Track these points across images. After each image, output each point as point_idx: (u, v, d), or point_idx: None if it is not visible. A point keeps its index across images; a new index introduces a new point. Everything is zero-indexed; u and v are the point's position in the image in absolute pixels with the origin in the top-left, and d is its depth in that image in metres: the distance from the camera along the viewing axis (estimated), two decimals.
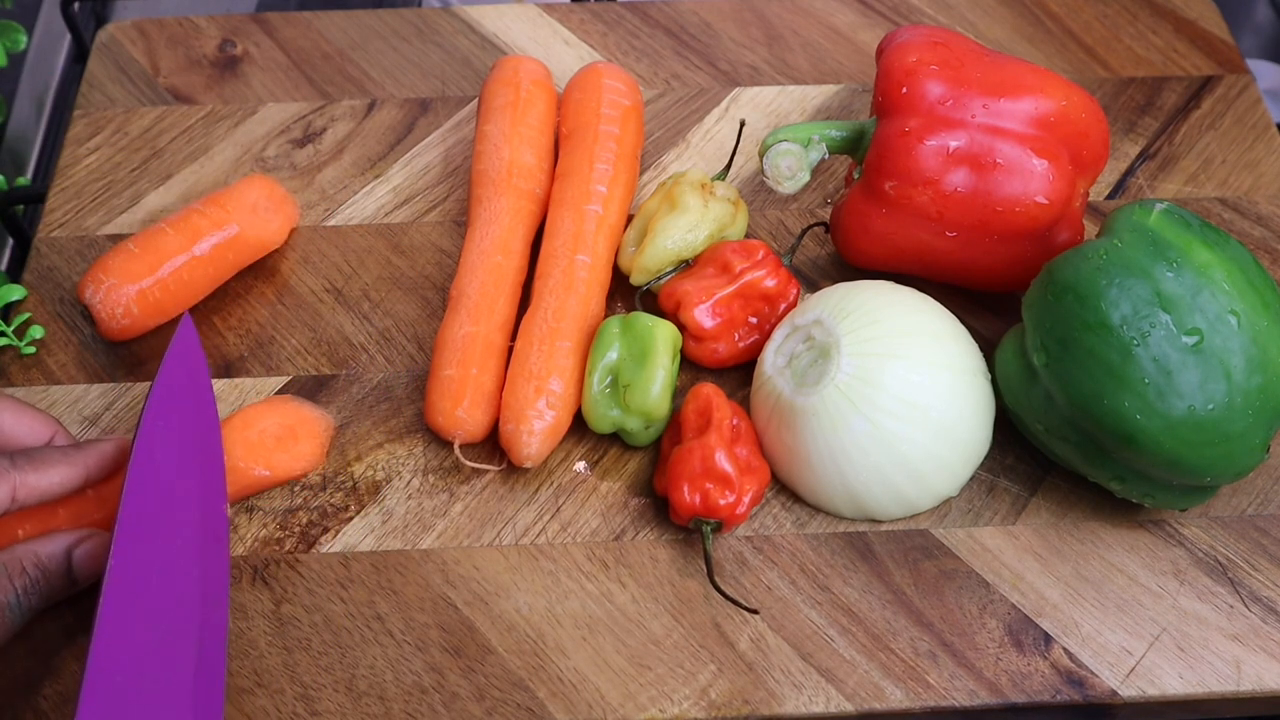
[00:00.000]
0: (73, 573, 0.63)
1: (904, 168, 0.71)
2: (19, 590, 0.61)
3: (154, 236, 0.76)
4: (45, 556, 0.62)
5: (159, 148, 0.87)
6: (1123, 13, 0.95)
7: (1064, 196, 0.71)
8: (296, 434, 0.71)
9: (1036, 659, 0.66)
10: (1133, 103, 0.89)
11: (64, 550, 0.63)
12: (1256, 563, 0.70)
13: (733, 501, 0.67)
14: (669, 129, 0.88)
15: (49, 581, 0.62)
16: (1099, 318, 0.64)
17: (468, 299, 0.75)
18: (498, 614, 0.68)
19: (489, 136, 0.81)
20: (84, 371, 0.76)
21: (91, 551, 0.63)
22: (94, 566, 0.63)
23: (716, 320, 0.74)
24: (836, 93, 0.90)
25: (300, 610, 0.68)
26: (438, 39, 0.93)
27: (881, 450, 0.67)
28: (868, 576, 0.69)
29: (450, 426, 0.71)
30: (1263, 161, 0.86)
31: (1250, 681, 0.66)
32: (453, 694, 0.65)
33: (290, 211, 0.81)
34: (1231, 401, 0.63)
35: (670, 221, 0.76)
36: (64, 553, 0.62)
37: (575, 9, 0.95)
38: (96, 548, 0.63)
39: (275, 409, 0.72)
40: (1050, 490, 0.72)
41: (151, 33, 0.93)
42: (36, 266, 0.81)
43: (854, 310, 0.69)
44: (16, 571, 0.61)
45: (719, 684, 0.65)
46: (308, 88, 0.90)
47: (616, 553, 0.70)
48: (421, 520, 0.71)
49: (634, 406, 0.70)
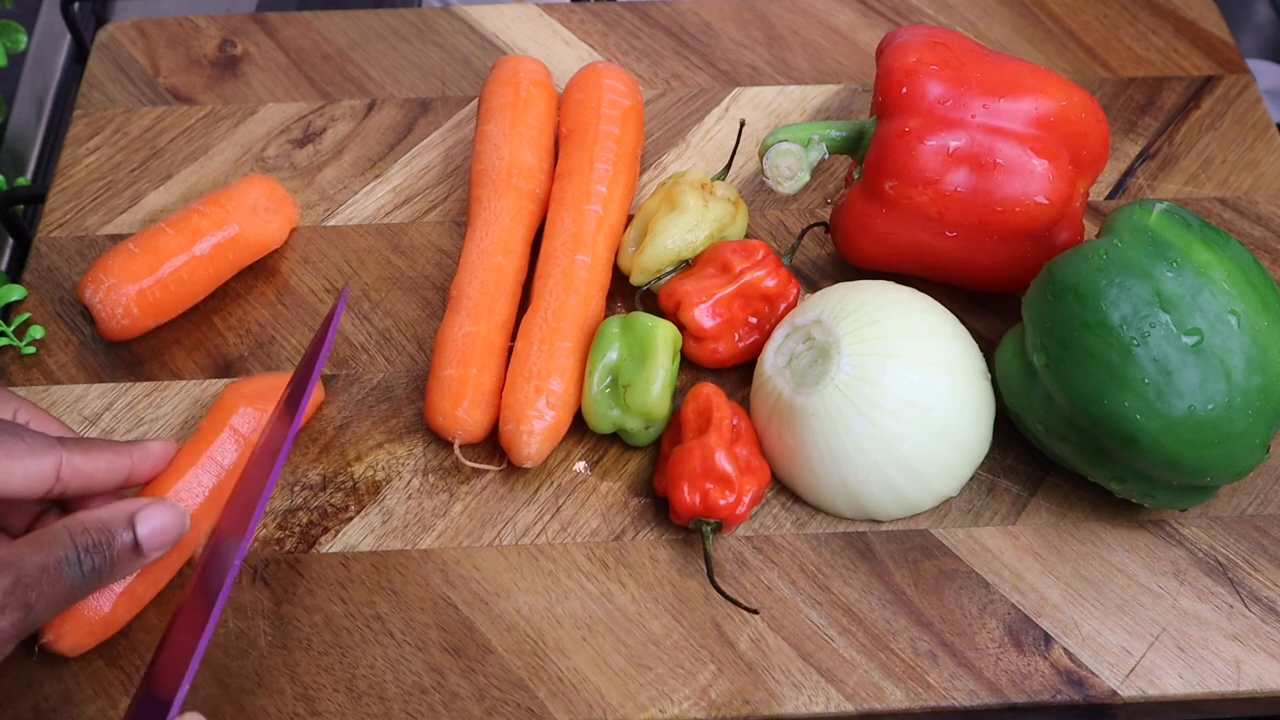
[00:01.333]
0: (138, 542, 0.61)
1: (904, 168, 0.71)
2: (80, 548, 0.59)
3: (154, 236, 0.76)
4: (107, 518, 0.60)
5: (159, 148, 0.87)
6: (1123, 13, 0.95)
7: (1064, 196, 0.71)
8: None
9: (1036, 659, 0.66)
10: (1133, 103, 0.89)
11: (126, 515, 0.61)
12: (1256, 563, 0.70)
13: (733, 501, 0.67)
14: (669, 129, 0.88)
15: (112, 546, 0.60)
16: (1099, 318, 0.64)
17: (468, 299, 0.75)
18: (498, 614, 0.68)
19: (489, 136, 0.81)
20: (84, 371, 0.76)
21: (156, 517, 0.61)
22: (160, 535, 0.61)
23: (716, 320, 0.74)
24: (836, 93, 0.90)
25: (300, 610, 0.68)
26: (438, 39, 0.93)
27: (881, 450, 0.67)
28: (868, 576, 0.69)
29: (450, 426, 0.71)
30: (1263, 161, 0.86)
31: (1250, 681, 0.66)
32: (453, 694, 0.65)
33: (290, 211, 0.81)
34: (1231, 401, 0.63)
35: (670, 221, 0.76)
36: (126, 518, 0.61)
37: (575, 9, 0.95)
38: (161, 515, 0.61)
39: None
40: (1050, 490, 0.72)
41: (151, 33, 0.93)
42: (36, 266, 0.81)
43: (854, 310, 0.69)
44: (77, 530, 0.59)
45: (719, 684, 0.65)
46: (308, 88, 0.90)
47: (616, 553, 0.70)
48: (421, 520, 0.71)
49: (634, 406, 0.70)
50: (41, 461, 0.60)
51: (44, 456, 0.61)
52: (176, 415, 0.75)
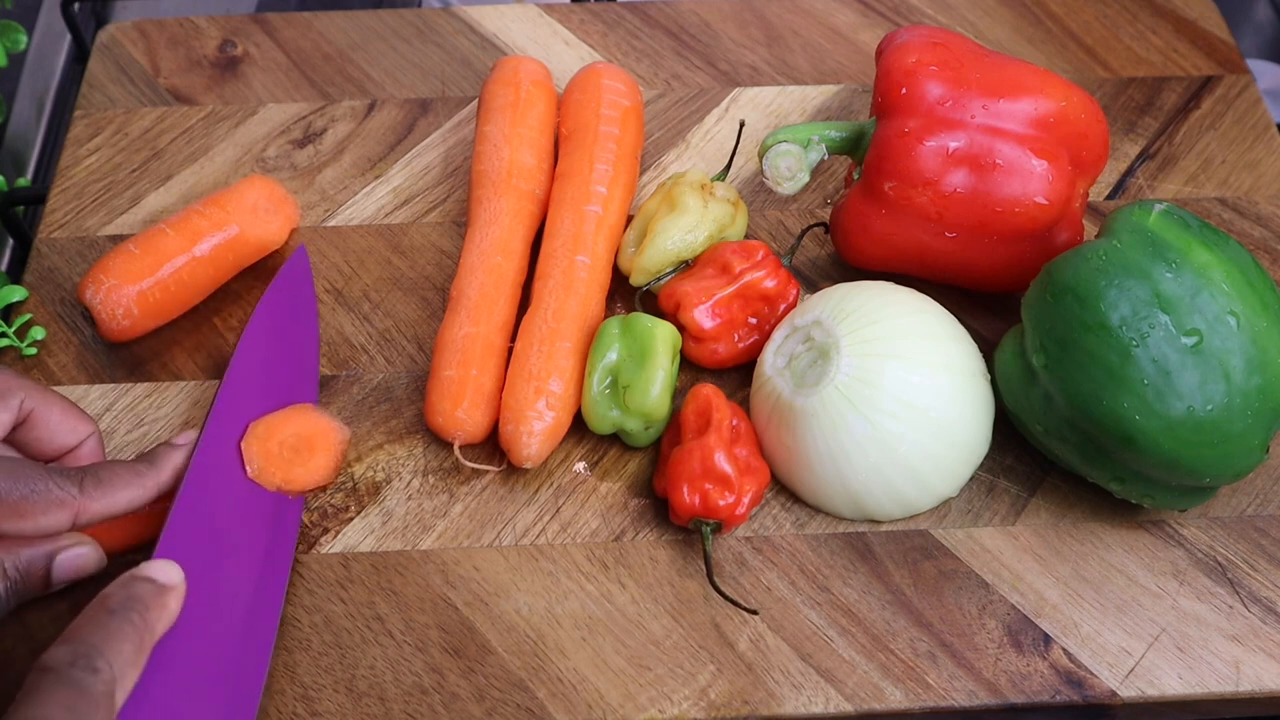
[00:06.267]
0: (50, 576, 0.62)
1: (904, 168, 0.71)
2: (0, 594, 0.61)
3: (154, 237, 0.76)
4: (27, 559, 0.62)
5: (159, 148, 0.87)
6: (1123, 13, 0.95)
7: (1064, 197, 0.71)
8: (313, 446, 0.71)
9: (1036, 659, 0.66)
10: (1133, 103, 0.89)
11: (45, 556, 0.62)
12: (1256, 563, 0.70)
13: (732, 502, 0.68)
14: (669, 129, 0.88)
15: (26, 583, 0.62)
16: (1098, 318, 0.64)
17: (468, 299, 0.75)
18: (498, 614, 0.68)
19: (489, 137, 0.81)
20: (85, 372, 0.77)
21: (73, 560, 0.63)
22: (74, 572, 0.63)
23: (716, 321, 0.74)
24: (836, 93, 0.90)
25: (300, 610, 0.68)
26: (438, 39, 0.93)
27: (881, 451, 0.67)
28: (867, 577, 0.69)
29: (450, 427, 0.71)
30: (1263, 161, 0.86)
31: (1249, 682, 0.66)
32: (453, 694, 0.65)
33: (290, 212, 0.81)
34: (1230, 402, 0.63)
35: (670, 222, 0.76)
36: (46, 557, 0.62)
37: (575, 9, 0.95)
38: (78, 558, 0.63)
39: (294, 418, 0.71)
40: (1050, 490, 0.72)
41: (152, 33, 0.93)
42: (37, 267, 0.81)
43: (854, 311, 0.69)
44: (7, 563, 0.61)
45: (719, 684, 0.66)
46: (308, 88, 0.90)
47: (616, 553, 0.70)
48: (421, 521, 0.71)
49: (634, 407, 0.70)
50: (56, 517, 0.61)
51: (59, 511, 0.61)
52: (177, 416, 0.75)
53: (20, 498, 0.60)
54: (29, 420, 0.65)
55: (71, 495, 0.61)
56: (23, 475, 0.61)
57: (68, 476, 0.62)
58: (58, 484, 0.61)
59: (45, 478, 0.61)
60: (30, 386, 0.65)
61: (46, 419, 0.65)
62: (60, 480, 0.61)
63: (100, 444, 0.68)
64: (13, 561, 0.61)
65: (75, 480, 0.62)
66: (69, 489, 0.61)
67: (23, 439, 0.65)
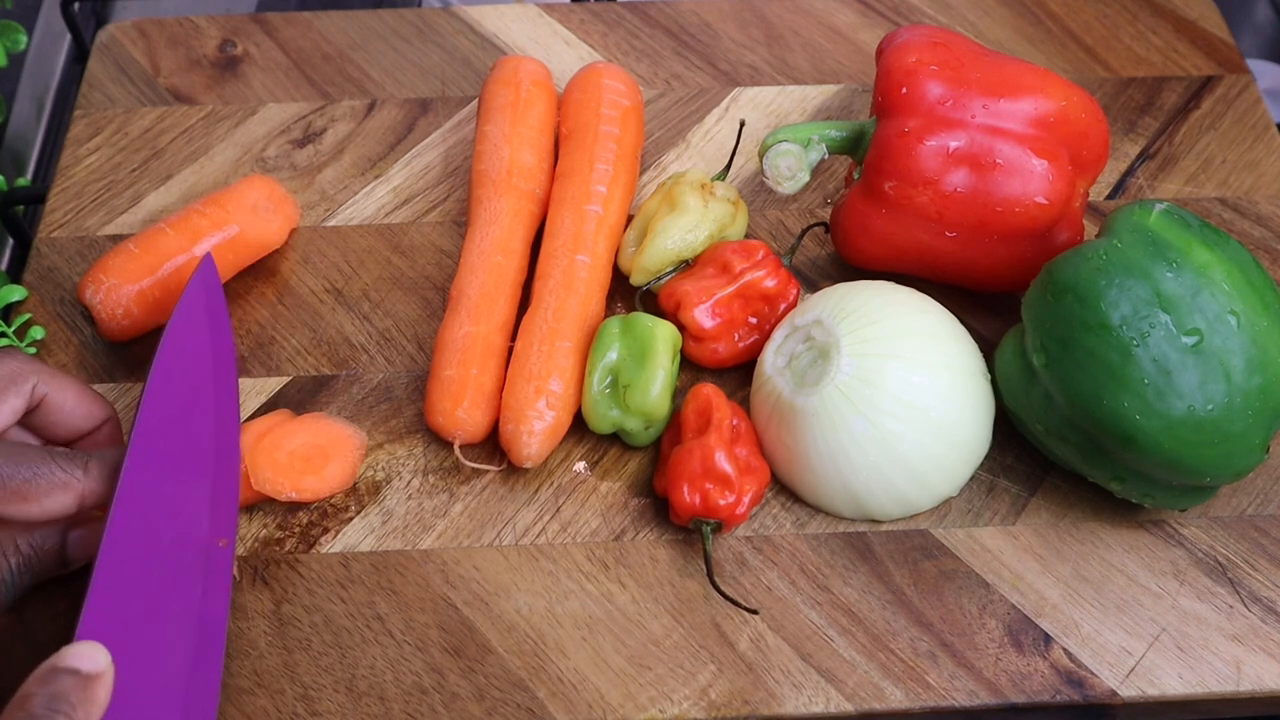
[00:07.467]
0: (66, 553, 0.62)
1: (904, 168, 0.71)
2: (13, 568, 0.60)
3: (154, 237, 0.76)
4: (40, 535, 0.61)
5: (159, 148, 0.87)
6: (1123, 13, 0.95)
7: (1064, 196, 0.71)
8: (327, 454, 0.71)
9: (1036, 659, 0.66)
10: (1133, 103, 0.89)
11: (59, 531, 0.62)
12: (1256, 563, 0.70)
13: (732, 502, 0.67)
14: (669, 129, 0.88)
15: (41, 560, 0.61)
16: (1099, 318, 0.64)
17: (468, 299, 0.75)
18: (498, 614, 0.68)
19: (489, 137, 0.81)
20: (84, 372, 0.76)
21: (87, 535, 0.63)
22: (88, 549, 0.62)
23: (716, 320, 0.74)
24: (836, 93, 0.90)
25: (300, 610, 0.68)
26: (438, 39, 0.93)
27: (881, 451, 0.67)
28: (868, 576, 0.69)
29: (450, 427, 0.71)
30: (1263, 161, 0.86)
31: (1250, 681, 0.66)
32: (453, 694, 0.65)
33: (290, 212, 0.81)
34: (1231, 402, 0.63)
35: (670, 222, 0.76)
36: (59, 533, 0.62)
37: (575, 9, 0.95)
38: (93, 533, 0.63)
39: (305, 427, 0.71)
40: (1050, 490, 0.72)
41: (151, 33, 0.93)
42: (37, 267, 0.81)
43: (854, 310, 0.69)
44: (10, 550, 0.60)
45: (719, 684, 0.65)
46: (308, 88, 0.90)
47: (616, 553, 0.70)
48: (421, 520, 0.71)
49: (634, 407, 0.70)
50: (60, 499, 0.60)
51: (62, 494, 0.60)
52: None
53: (23, 480, 0.59)
54: (43, 405, 0.64)
55: (75, 478, 0.60)
56: (25, 459, 0.60)
57: (72, 459, 0.61)
58: (61, 467, 0.60)
59: (48, 461, 0.60)
60: (44, 371, 0.64)
61: (61, 403, 0.65)
62: (64, 463, 0.60)
63: (118, 429, 0.67)
64: (26, 539, 0.61)
65: (79, 463, 0.61)
66: (73, 471, 0.60)
67: (38, 423, 0.65)
